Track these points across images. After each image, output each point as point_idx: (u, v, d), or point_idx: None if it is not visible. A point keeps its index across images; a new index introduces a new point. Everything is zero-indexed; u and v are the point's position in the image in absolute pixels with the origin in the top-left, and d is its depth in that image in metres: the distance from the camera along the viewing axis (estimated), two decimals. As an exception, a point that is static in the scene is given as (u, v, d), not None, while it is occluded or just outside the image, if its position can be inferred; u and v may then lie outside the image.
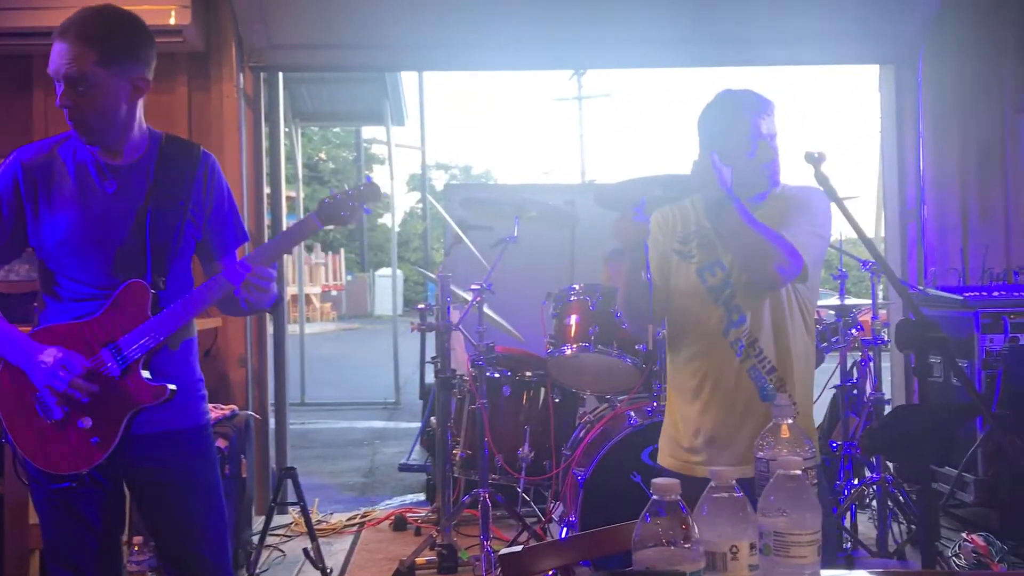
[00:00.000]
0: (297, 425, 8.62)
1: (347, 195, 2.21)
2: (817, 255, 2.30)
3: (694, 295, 2.35)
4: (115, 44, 2.11)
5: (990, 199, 5.39)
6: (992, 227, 5.37)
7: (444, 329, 4.28)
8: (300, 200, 11.78)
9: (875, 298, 4.58)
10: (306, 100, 9.52)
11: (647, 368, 3.90)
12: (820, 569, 1.34)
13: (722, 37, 5.31)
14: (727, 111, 2.34)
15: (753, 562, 1.28)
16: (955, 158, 5.38)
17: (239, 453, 4.07)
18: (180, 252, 2.23)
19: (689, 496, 1.33)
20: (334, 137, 34.54)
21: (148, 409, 2.15)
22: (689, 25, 5.26)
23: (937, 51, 5.37)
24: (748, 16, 5.23)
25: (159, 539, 2.29)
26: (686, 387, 2.38)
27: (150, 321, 2.13)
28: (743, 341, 2.29)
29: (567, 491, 3.82)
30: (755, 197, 2.34)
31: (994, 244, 5.35)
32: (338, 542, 4.70)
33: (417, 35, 5.30)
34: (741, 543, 1.27)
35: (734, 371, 2.29)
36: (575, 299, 4.02)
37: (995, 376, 4.27)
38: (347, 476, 6.77)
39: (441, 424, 4.42)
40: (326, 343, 19.59)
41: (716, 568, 1.26)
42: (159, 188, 2.20)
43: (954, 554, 4.05)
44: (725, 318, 2.31)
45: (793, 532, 1.29)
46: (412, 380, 9.95)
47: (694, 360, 2.37)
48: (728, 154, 2.26)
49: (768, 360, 2.28)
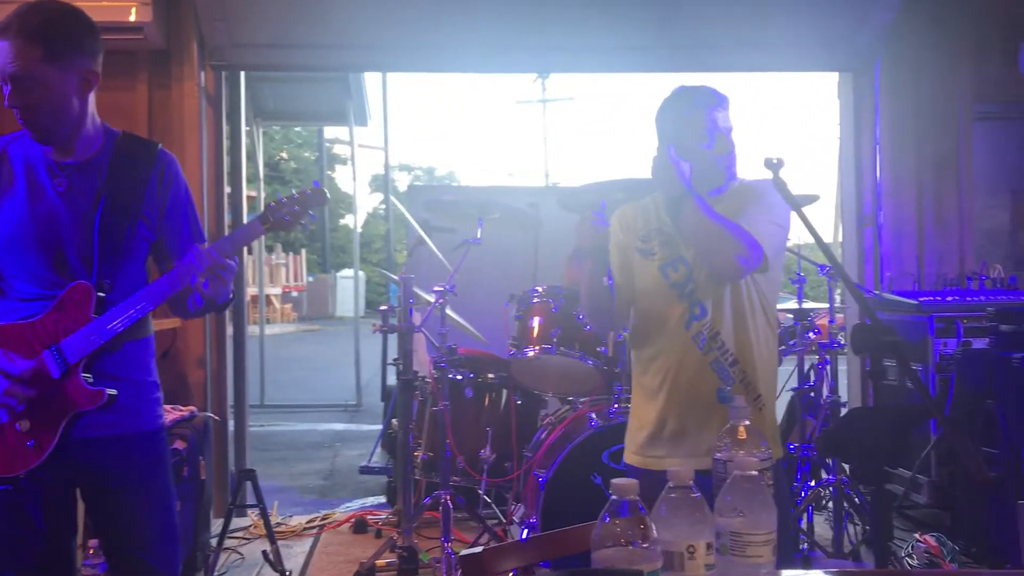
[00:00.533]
0: (257, 427, 8.54)
1: (292, 200, 2.19)
2: (776, 245, 2.33)
3: (657, 292, 2.37)
4: (59, 38, 2.06)
5: (945, 205, 5.49)
6: (947, 233, 5.48)
7: (406, 331, 4.27)
8: (261, 200, 11.61)
9: (832, 302, 4.65)
10: (268, 99, 9.44)
11: (609, 370, 3.93)
12: (776, 569, 1.36)
13: (684, 44, 5.38)
14: (684, 105, 2.37)
15: (710, 562, 1.30)
16: (911, 165, 5.48)
17: (197, 455, 4.03)
18: (131, 253, 2.19)
19: (654, 491, 1.35)
20: (296, 137, 34.30)
21: (90, 413, 2.10)
22: (652, 32, 5.31)
23: (894, 60, 5.47)
24: (709, 24, 5.29)
25: (107, 545, 2.26)
26: (650, 383, 2.40)
27: (93, 323, 2.09)
28: (705, 334, 2.31)
29: (528, 493, 3.83)
30: (713, 191, 2.37)
31: (948, 250, 5.46)
32: (298, 545, 4.67)
33: (381, 36, 5.28)
34: (698, 543, 1.28)
35: (697, 364, 2.32)
36: (538, 301, 4.04)
37: (948, 379, 4.35)
38: (307, 478, 6.73)
39: (403, 426, 4.41)
40: (287, 345, 19.45)
41: (673, 567, 1.28)
42: (111, 187, 2.15)
43: (907, 554, 4.13)
44: (687, 312, 2.33)
45: (749, 532, 1.31)
46: (374, 382, 9.92)
47: (657, 356, 2.39)
48: (686, 148, 2.29)
49: (730, 352, 2.31)
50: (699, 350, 2.32)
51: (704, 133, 2.32)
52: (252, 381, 7.85)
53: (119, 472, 2.18)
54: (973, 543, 4.09)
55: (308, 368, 15.04)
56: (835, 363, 4.57)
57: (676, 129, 2.35)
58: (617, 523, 1.24)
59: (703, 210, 2.20)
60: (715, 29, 5.33)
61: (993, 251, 5.61)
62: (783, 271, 2.70)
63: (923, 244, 5.46)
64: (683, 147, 2.29)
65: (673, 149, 2.24)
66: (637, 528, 1.24)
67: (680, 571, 1.28)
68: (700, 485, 1.34)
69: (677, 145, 2.29)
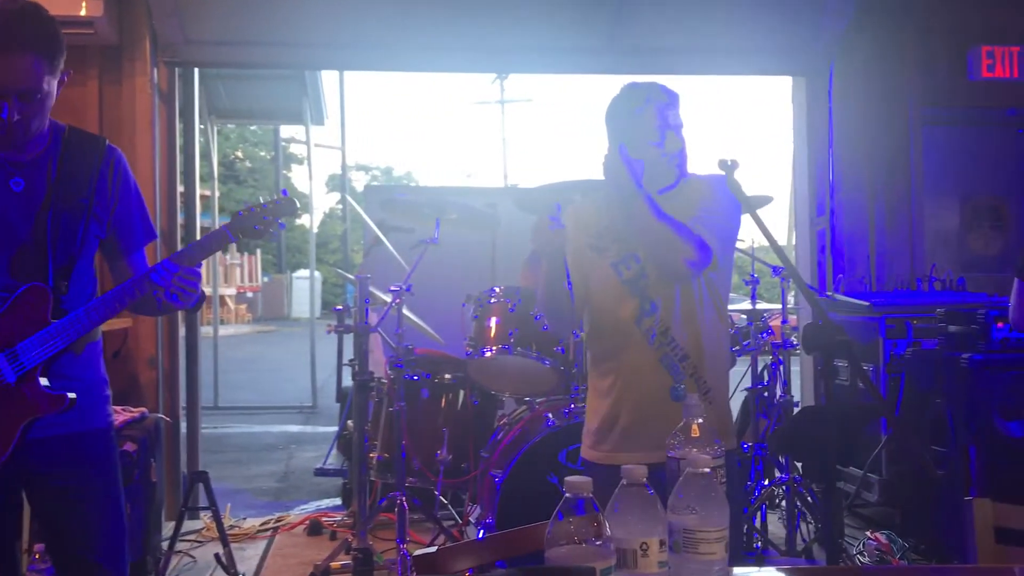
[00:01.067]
0: (210, 429, 8.44)
1: (262, 208, 2.17)
2: (726, 242, 2.36)
3: (610, 289, 2.38)
4: (54, 47, 2.02)
5: (896, 209, 5.59)
6: (897, 236, 5.58)
7: (362, 331, 4.24)
8: (215, 199, 11.51)
9: (785, 303, 4.71)
10: (223, 97, 9.33)
11: (566, 370, 3.94)
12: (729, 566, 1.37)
13: (641, 47, 5.42)
14: (634, 103, 2.38)
15: (663, 559, 1.30)
16: (863, 168, 5.57)
17: (148, 457, 3.97)
18: (83, 253, 2.15)
19: (610, 485, 1.35)
20: (251, 135, 33.98)
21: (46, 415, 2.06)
22: (609, 34, 5.35)
23: (847, 66, 5.55)
24: (666, 27, 5.34)
25: (53, 545, 2.20)
26: (603, 378, 2.42)
27: (50, 327, 2.04)
28: (655, 330, 2.33)
29: (484, 493, 3.82)
30: (665, 188, 2.38)
31: (899, 252, 5.56)
32: (251, 547, 4.62)
33: (338, 34, 5.25)
34: (651, 540, 1.29)
35: (648, 360, 2.33)
36: (495, 301, 4.03)
37: (899, 379, 4.42)
38: (261, 481, 6.66)
39: (358, 427, 4.37)
40: (241, 345, 19.26)
41: (626, 565, 1.28)
42: (62, 185, 2.11)
43: (858, 552, 4.19)
44: (638, 308, 2.34)
45: (702, 529, 1.32)
46: (329, 383, 9.82)
47: (610, 351, 2.41)
48: (637, 145, 2.31)
49: (680, 348, 2.33)
50: (649, 346, 2.33)
51: (654, 130, 2.34)
52: (205, 382, 7.77)
53: (68, 471, 2.14)
54: (922, 540, 4.17)
55: (263, 369, 14.90)
56: (788, 363, 4.63)
57: (627, 127, 2.37)
58: (571, 521, 1.24)
59: (652, 211, 2.22)
60: (672, 33, 5.38)
61: (942, 253, 5.72)
62: (736, 272, 2.73)
63: (874, 246, 5.55)
64: (634, 145, 2.31)
65: (624, 149, 2.25)
66: (591, 526, 1.24)
67: (633, 568, 1.28)
68: (653, 479, 1.34)
69: (628, 143, 2.30)
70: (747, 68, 5.87)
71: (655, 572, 1.30)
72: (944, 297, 4.84)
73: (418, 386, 4.31)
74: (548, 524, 1.28)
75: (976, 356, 3.82)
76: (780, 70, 5.83)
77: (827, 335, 1.99)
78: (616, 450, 2.34)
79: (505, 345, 3.92)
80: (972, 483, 3.76)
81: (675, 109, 2.37)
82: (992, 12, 5.66)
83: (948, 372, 3.98)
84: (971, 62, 5.65)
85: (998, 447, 3.72)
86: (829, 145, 5.59)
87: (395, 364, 4.14)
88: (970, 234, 5.83)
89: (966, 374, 3.82)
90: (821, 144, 5.63)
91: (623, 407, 2.36)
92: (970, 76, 5.65)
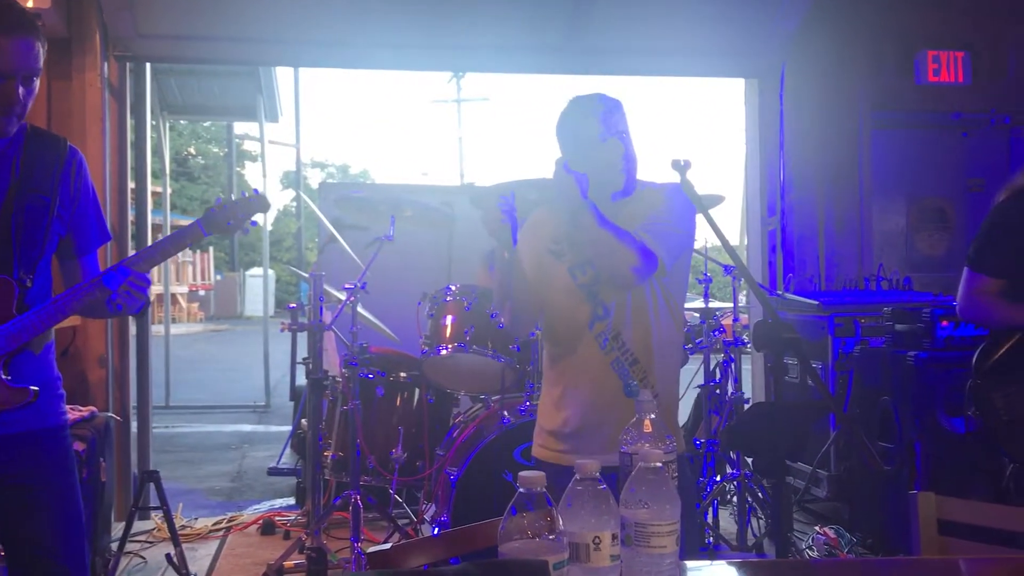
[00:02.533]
0: (161, 428, 8.34)
1: (234, 205, 2.16)
2: (675, 249, 2.38)
3: (566, 293, 2.41)
4: (40, 32, 2.05)
5: (845, 210, 5.70)
6: (847, 236, 5.68)
7: (316, 329, 4.22)
8: (167, 196, 11.34)
9: (736, 302, 4.78)
10: (175, 92, 9.21)
11: (521, 368, 3.95)
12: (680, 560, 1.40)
13: (595, 48, 5.46)
14: (576, 115, 2.42)
15: (615, 552, 1.32)
16: (814, 170, 5.67)
17: (98, 456, 3.91)
18: (46, 250, 2.13)
19: (562, 484, 1.37)
20: (204, 131, 33.57)
21: (4, 411, 2.04)
22: (565, 34, 5.37)
23: (798, 69, 5.65)
24: (621, 29, 5.38)
25: (10, 546, 2.17)
26: (556, 380, 2.44)
27: (15, 321, 2.02)
28: (607, 335, 2.35)
29: (439, 491, 3.82)
30: (617, 194, 2.41)
31: (848, 252, 5.67)
32: (203, 547, 4.57)
33: (292, 30, 5.21)
34: (603, 534, 1.30)
35: (599, 364, 2.36)
36: (451, 300, 4.03)
37: (847, 377, 4.51)
38: (214, 480, 6.59)
39: (312, 426, 4.35)
40: (193, 344, 19.03)
41: (579, 559, 1.30)
42: (24, 182, 2.09)
43: (807, 546, 4.27)
44: (591, 312, 2.37)
45: (653, 523, 1.34)
46: (283, 382, 9.77)
47: (563, 354, 2.43)
48: (581, 155, 2.34)
49: (631, 352, 2.35)
50: (601, 350, 2.36)
51: (597, 138, 2.37)
52: (157, 381, 7.67)
53: (24, 470, 2.11)
54: (869, 534, 4.25)
55: (215, 368, 14.73)
56: (739, 361, 4.69)
57: (572, 138, 2.41)
58: (524, 516, 1.25)
59: (598, 221, 2.26)
60: (626, 34, 5.43)
61: (890, 254, 5.85)
62: (691, 271, 2.77)
63: (824, 246, 5.65)
64: (579, 155, 2.34)
65: (567, 164, 2.28)
66: (544, 520, 1.25)
67: (586, 562, 1.30)
68: (605, 483, 1.36)
69: (573, 153, 2.34)
70: (701, 69, 5.94)
71: (607, 565, 1.31)
72: (891, 296, 4.94)
73: (373, 384, 4.30)
74: (501, 519, 1.29)
75: (921, 354, 3.90)
76: (733, 72, 5.91)
77: (776, 333, 2.03)
78: (568, 452, 2.36)
79: (461, 343, 3.93)
80: (917, 478, 3.85)
81: (616, 115, 2.41)
82: (938, 18, 5.80)
83: (894, 370, 4.06)
84: (918, 66, 5.77)
85: (942, 443, 3.81)
86: (780, 147, 5.67)
87: (350, 362, 4.12)
88: (916, 235, 5.97)
89: (912, 371, 3.91)
90: (772, 146, 5.71)
91: (574, 410, 2.38)
92: (917, 80, 5.78)
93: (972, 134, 6.00)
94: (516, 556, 1.24)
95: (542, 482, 1.27)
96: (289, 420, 6.71)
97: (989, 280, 2.82)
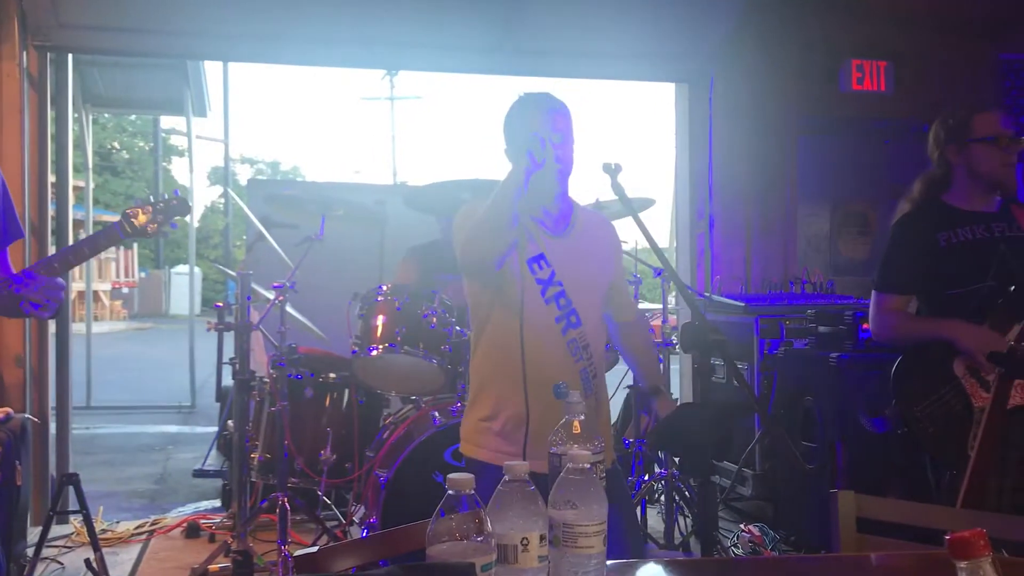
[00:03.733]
0: (82, 430, 8.12)
1: (154, 207, 2.12)
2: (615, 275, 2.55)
3: (526, 281, 2.36)
4: None
5: (771, 214, 5.82)
6: (772, 240, 5.80)
7: (243, 329, 4.15)
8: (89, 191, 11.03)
9: (665, 303, 4.83)
10: (99, 84, 8.95)
11: (453, 368, 3.94)
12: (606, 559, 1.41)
13: (528, 49, 5.48)
14: (523, 113, 2.41)
15: (543, 553, 1.32)
16: (742, 175, 5.77)
17: (13, 459, 3.77)
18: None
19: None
20: (129, 125, 32.76)
21: None
22: (497, 35, 5.38)
23: (727, 74, 5.75)
24: (554, 30, 5.42)
25: None
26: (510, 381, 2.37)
27: None
28: (579, 343, 2.37)
29: (369, 493, 3.79)
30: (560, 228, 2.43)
31: (774, 255, 5.79)
32: (124, 552, 4.47)
33: (222, 24, 5.12)
34: (531, 535, 1.30)
35: (568, 371, 2.34)
36: (382, 299, 3.99)
37: (772, 377, 4.60)
38: (137, 483, 6.43)
39: (239, 427, 4.28)
40: (116, 343, 18.56)
41: (507, 560, 1.30)
42: None
43: (733, 544, 4.34)
44: (564, 320, 2.37)
45: (581, 523, 1.34)
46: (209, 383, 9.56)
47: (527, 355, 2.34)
48: (522, 154, 2.32)
49: (593, 362, 2.39)
50: (572, 357, 2.37)
51: (538, 142, 2.32)
52: (77, 381, 7.45)
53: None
54: (793, 532, 4.35)
55: (139, 368, 14.38)
56: (668, 362, 4.74)
57: (516, 137, 2.39)
58: (452, 518, 1.25)
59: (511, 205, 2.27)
60: (558, 37, 5.46)
61: (814, 257, 5.99)
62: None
63: (751, 250, 5.76)
64: (520, 155, 2.29)
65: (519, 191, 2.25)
66: (472, 522, 1.25)
67: (513, 563, 1.30)
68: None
69: (518, 152, 2.30)
70: (633, 73, 6.00)
71: (535, 566, 1.31)
72: (815, 299, 5.06)
73: (301, 385, 4.25)
74: (430, 522, 1.28)
75: (843, 355, 4.00)
76: (664, 76, 5.98)
77: (703, 335, 2.07)
78: (524, 456, 2.29)
79: (392, 344, 3.89)
80: (838, 476, 3.95)
81: (555, 119, 2.39)
82: (862, 28, 5.95)
83: (817, 371, 4.16)
84: (843, 75, 5.93)
85: (862, 442, 3.91)
86: (709, 151, 5.76)
87: (278, 363, 4.07)
88: (840, 239, 6.12)
89: (834, 372, 4.01)
90: (702, 150, 5.80)
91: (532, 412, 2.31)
92: (842, 88, 5.93)
93: (894, 141, 6.18)
94: (443, 558, 1.23)
95: (470, 484, 1.26)
96: (215, 421, 6.57)
97: (895, 298, 2.91)
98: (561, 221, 2.47)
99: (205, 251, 30.44)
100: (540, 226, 2.43)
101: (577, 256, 2.43)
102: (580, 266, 2.43)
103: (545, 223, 2.44)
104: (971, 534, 0.97)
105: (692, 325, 2.10)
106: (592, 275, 2.48)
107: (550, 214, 2.45)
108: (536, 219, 2.42)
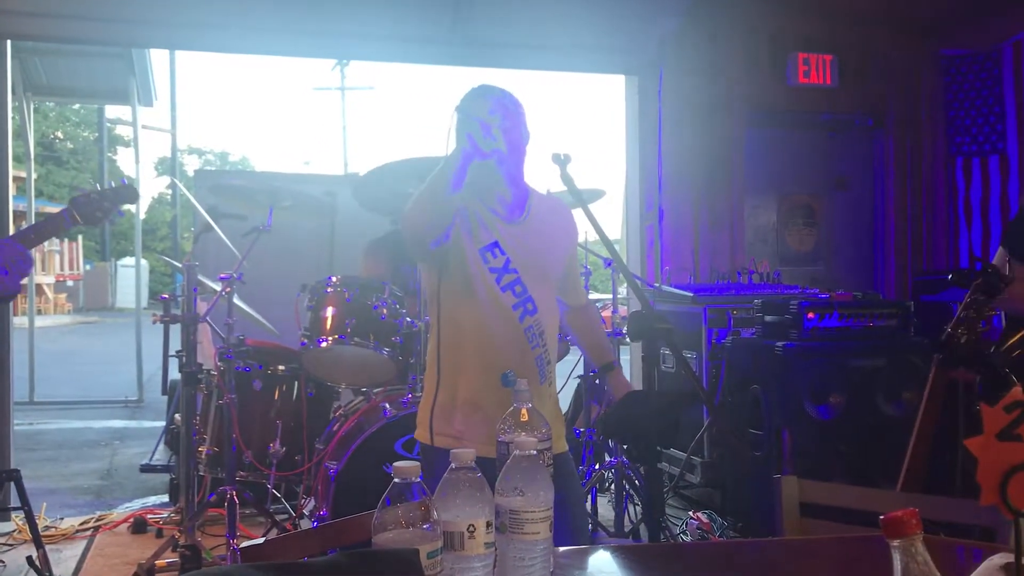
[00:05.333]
0: (24, 425, 7.96)
1: (100, 195, 2.08)
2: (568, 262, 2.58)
3: (480, 270, 2.36)
4: None
5: (719, 205, 5.89)
6: (720, 231, 5.87)
7: (189, 321, 4.09)
8: (31, 182, 10.76)
9: (615, 294, 4.87)
10: (40, 72, 8.74)
11: (403, 360, 3.93)
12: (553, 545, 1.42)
13: (479, 40, 5.48)
14: (469, 101, 2.39)
15: (489, 540, 1.33)
16: (690, 166, 5.83)
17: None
18: None
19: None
20: (73, 115, 32.08)
21: None
22: (449, 25, 5.37)
23: (676, 67, 5.80)
24: (505, 23, 5.42)
25: None
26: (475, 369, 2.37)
27: None
28: (535, 330, 2.37)
29: (319, 485, 3.77)
30: (514, 216, 2.42)
31: (721, 246, 5.86)
32: (69, 548, 4.39)
33: (167, 10, 5.03)
34: (478, 522, 1.31)
35: (526, 359, 2.35)
36: (332, 291, 3.97)
37: (720, 366, 4.66)
38: (81, 479, 6.32)
39: (186, 421, 4.22)
40: (60, 337, 18.21)
41: (453, 547, 1.30)
42: None
43: (681, 531, 4.40)
44: (521, 307, 2.37)
45: (528, 510, 1.35)
46: (156, 376, 9.41)
47: (484, 343, 2.35)
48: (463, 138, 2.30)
49: (547, 349, 2.39)
50: (528, 344, 2.37)
51: (482, 132, 2.30)
52: (20, 376, 7.28)
53: None
54: (740, 518, 4.41)
55: (84, 362, 14.12)
56: (618, 351, 4.78)
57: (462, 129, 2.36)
58: (399, 507, 1.25)
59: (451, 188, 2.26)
60: (511, 28, 5.47)
61: (761, 248, 6.08)
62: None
63: (699, 241, 5.82)
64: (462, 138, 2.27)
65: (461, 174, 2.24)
66: (418, 510, 1.25)
67: (460, 550, 1.31)
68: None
69: (460, 137, 2.28)
70: (582, 65, 6.03)
71: (481, 553, 1.32)
72: (761, 289, 5.13)
73: (250, 377, 4.20)
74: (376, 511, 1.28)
75: (789, 344, 4.07)
76: (614, 68, 6.02)
77: (650, 324, 2.09)
78: (484, 442, 2.28)
79: (342, 335, 3.87)
80: (784, 462, 4.01)
81: (505, 112, 2.36)
82: (808, 22, 6.05)
83: (764, 359, 4.22)
84: (789, 68, 6.02)
85: (807, 429, 3.99)
86: (658, 143, 5.81)
87: (225, 355, 4.02)
88: (786, 230, 6.22)
89: (780, 361, 4.07)
90: (651, 142, 5.84)
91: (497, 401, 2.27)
92: (788, 81, 6.02)
93: (839, 134, 6.29)
94: (389, 546, 1.23)
95: (416, 473, 1.27)
96: (162, 415, 6.49)
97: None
98: (516, 208, 2.47)
99: (152, 243, 29.96)
100: (493, 214, 2.42)
101: (532, 243, 2.43)
102: (535, 253, 2.43)
103: (498, 211, 2.44)
104: (903, 513, 1.00)
105: (639, 314, 2.12)
106: (548, 262, 2.49)
107: (504, 201, 2.44)
108: (490, 207, 2.42)
